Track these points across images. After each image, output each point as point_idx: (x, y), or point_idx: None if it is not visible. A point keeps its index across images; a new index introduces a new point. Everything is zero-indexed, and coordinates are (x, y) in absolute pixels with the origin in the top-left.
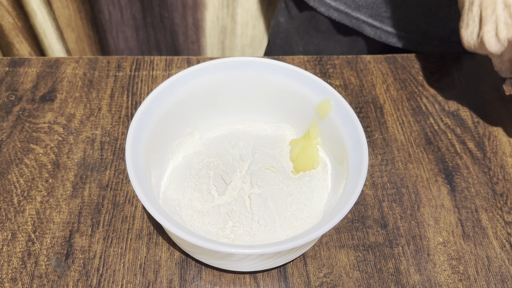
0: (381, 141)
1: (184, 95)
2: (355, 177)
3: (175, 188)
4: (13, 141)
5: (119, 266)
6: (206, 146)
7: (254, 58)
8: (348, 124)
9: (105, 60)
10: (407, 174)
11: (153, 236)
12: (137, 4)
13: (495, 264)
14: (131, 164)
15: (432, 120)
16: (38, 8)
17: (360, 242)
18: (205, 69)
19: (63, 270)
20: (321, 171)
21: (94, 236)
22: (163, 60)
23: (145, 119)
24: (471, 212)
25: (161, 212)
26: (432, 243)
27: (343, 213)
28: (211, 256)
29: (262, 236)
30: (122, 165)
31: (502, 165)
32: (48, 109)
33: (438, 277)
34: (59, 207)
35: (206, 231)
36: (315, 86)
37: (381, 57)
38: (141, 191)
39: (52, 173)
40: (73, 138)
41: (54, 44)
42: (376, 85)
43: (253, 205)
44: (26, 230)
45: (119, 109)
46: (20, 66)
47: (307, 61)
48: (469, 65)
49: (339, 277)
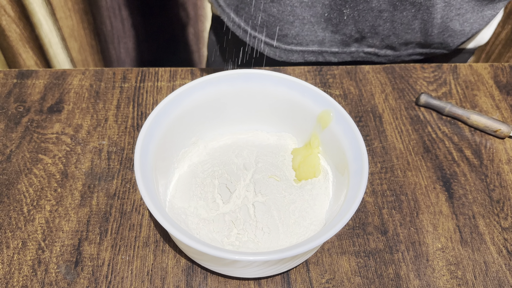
0: (380, 149)
1: (190, 106)
2: (356, 185)
3: (181, 196)
4: (22, 151)
5: (127, 273)
6: (210, 155)
7: (257, 70)
8: (349, 134)
9: (111, 72)
10: (406, 181)
11: (159, 244)
12: (138, 16)
13: (492, 269)
14: (139, 173)
15: (430, 129)
16: (44, 18)
17: (361, 248)
18: (209, 81)
19: (73, 277)
20: (323, 179)
21: (102, 244)
22: (167, 71)
23: (153, 130)
24: (469, 218)
25: (169, 221)
26: (431, 249)
27: (345, 220)
28: (217, 263)
29: (266, 243)
30: (129, 175)
31: (498, 172)
32: (56, 120)
33: (437, 282)
34: (68, 215)
35: (211, 238)
36: (316, 96)
37: (380, 67)
38: (150, 200)
39: (61, 183)
40: (80, 148)
41: (59, 54)
42: (375, 95)
43: (257, 213)
44: (36, 238)
45: (125, 119)
46: (28, 78)
47: (307, 71)
48: (465, 74)
49: (341, 282)
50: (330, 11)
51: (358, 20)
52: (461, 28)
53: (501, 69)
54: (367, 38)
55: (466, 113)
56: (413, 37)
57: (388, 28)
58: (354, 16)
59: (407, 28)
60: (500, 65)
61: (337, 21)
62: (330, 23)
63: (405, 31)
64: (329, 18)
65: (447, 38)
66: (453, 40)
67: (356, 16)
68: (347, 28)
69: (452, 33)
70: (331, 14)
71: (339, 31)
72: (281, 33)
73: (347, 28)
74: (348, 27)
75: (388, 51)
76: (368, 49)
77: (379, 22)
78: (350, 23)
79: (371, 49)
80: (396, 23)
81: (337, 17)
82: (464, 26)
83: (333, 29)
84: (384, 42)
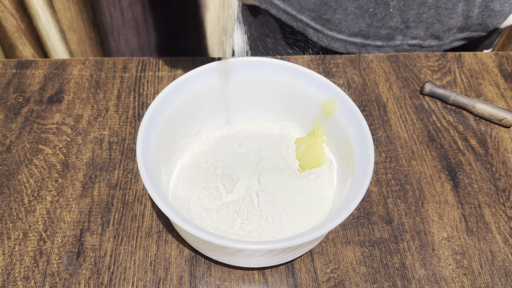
0: (385, 138)
1: (192, 95)
2: (362, 174)
3: (184, 186)
4: (22, 142)
5: (130, 263)
6: (213, 145)
7: (260, 58)
8: (354, 122)
9: (111, 62)
10: (411, 171)
11: (162, 234)
12: (138, 6)
13: (498, 258)
14: (142, 163)
15: (435, 118)
16: (42, 10)
17: (366, 238)
18: (211, 69)
19: (75, 268)
20: (327, 168)
21: (104, 235)
22: (168, 61)
23: (155, 119)
24: (474, 207)
25: (173, 210)
26: (437, 238)
27: (351, 209)
28: (221, 252)
29: (270, 233)
30: (130, 165)
31: (504, 161)
32: (56, 110)
33: (443, 272)
34: (69, 206)
35: (215, 228)
36: (320, 85)
37: (383, 56)
38: (153, 189)
39: (62, 173)
40: (81, 139)
41: (58, 46)
42: (379, 84)
43: (261, 203)
44: (37, 229)
45: (126, 109)
46: (27, 68)
47: (310, 60)
48: (470, 63)
49: (346, 272)
50: (375, 6)
51: (404, 10)
52: (501, 8)
53: (506, 57)
54: (411, 28)
55: (471, 102)
56: (455, 22)
57: (432, 15)
58: (400, 6)
59: (451, 13)
60: (505, 53)
61: (382, 15)
62: (375, 18)
63: (449, 16)
64: (374, 13)
65: (486, 19)
66: (492, 20)
67: (402, 6)
68: (393, 20)
69: (491, 13)
70: (376, 9)
71: (384, 25)
72: (325, 17)
73: (392, 20)
74: (394, 19)
75: (432, 41)
76: (412, 41)
77: (424, 9)
78: (396, 14)
79: (415, 41)
80: (440, 9)
81: (382, 11)
82: (504, 6)
83: (378, 24)
84: (429, 32)
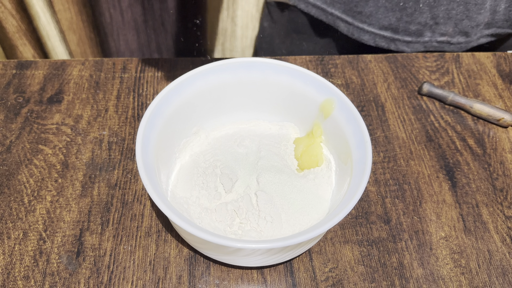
0: (383, 138)
1: (191, 95)
2: (359, 174)
3: (183, 186)
4: (22, 142)
5: (129, 263)
6: (212, 145)
7: (258, 59)
8: (352, 122)
9: (111, 62)
10: (409, 170)
11: (161, 234)
12: (138, 7)
13: (496, 257)
14: (141, 163)
15: (433, 118)
16: (42, 10)
17: (364, 237)
18: (211, 70)
19: (75, 267)
20: (325, 168)
21: (104, 234)
22: (167, 62)
23: (154, 119)
24: (472, 207)
25: (172, 209)
26: (435, 237)
27: (348, 208)
28: (220, 251)
29: (269, 232)
30: (130, 165)
31: (501, 161)
32: (56, 111)
33: (441, 271)
34: (69, 206)
35: (214, 228)
36: (318, 85)
37: (382, 56)
38: (152, 188)
39: (61, 173)
40: (81, 139)
41: (58, 47)
42: (377, 84)
43: (260, 202)
44: (37, 229)
45: (126, 110)
46: (27, 69)
47: (309, 61)
48: (468, 63)
49: (344, 271)
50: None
51: (434, 6)
52: None
53: (504, 58)
54: (440, 24)
55: (469, 102)
56: (483, 18)
57: (461, 12)
58: (430, 2)
59: (480, 9)
60: (503, 54)
61: (412, 10)
62: (405, 13)
63: (477, 12)
64: (404, 7)
65: None
66: None
67: (432, 2)
68: (422, 16)
69: None
70: (406, 4)
71: (413, 20)
72: (356, 9)
73: (422, 16)
74: (423, 15)
75: (460, 38)
76: (441, 38)
77: (453, 5)
78: (426, 10)
79: (444, 37)
80: (469, 4)
81: (412, 6)
82: None
83: (408, 19)
84: (457, 28)
